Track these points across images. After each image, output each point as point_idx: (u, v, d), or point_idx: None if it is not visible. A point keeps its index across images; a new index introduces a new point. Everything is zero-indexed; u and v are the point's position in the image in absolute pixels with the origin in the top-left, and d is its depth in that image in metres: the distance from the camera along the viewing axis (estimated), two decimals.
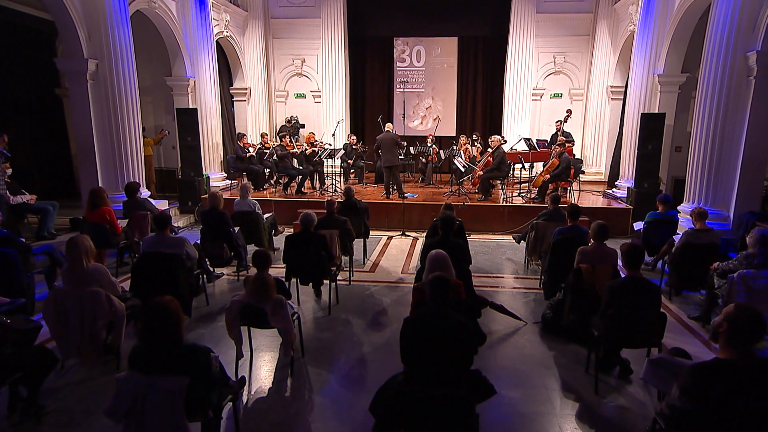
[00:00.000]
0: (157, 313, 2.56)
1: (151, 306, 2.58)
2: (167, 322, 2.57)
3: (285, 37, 14.13)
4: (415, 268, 7.12)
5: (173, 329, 2.60)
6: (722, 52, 6.77)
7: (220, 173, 11.48)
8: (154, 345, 2.58)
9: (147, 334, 2.57)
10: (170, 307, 2.60)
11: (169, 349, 2.59)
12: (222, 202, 6.35)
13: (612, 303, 3.66)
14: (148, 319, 2.57)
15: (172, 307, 2.62)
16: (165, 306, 2.59)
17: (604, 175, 12.91)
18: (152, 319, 2.56)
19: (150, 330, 2.57)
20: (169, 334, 2.59)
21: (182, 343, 2.66)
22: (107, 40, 7.96)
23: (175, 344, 2.62)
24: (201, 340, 4.75)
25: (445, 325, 2.88)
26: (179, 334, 2.63)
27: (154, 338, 2.57)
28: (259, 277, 3.83)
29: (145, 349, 2.60)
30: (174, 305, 2.64)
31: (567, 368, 4.28)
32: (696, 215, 5.62)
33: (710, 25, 7.02)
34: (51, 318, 3.88)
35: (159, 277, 4.89)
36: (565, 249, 5.60)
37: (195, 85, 10.69)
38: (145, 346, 2.59)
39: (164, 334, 2.57)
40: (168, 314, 2.58)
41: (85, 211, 6.49)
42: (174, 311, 2.61)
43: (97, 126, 8.07)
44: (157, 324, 2.56)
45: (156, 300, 2.61)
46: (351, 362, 4.39)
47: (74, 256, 3.84)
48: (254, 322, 3.97)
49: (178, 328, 2.62)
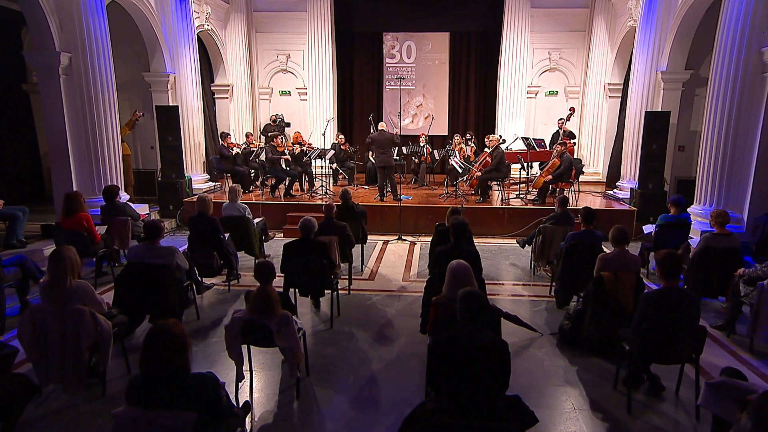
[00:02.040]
0: (162, 339, 2.30)
1: (154, 331, 2.32)
2: (173, 349, 2.32)
3: (269, 32, 13.81)
4: (416, 276, 6.92)
5: (179, 358, 2.34)
6: (735, 48, 6.70)
7: (203, 175, 11.12)
8: (158, 376, 2.31)
9: (149, 363, 2.31)
10: (176, 332, 2.35)
11: (174, 380, 2.33)
12: (211, 207, 6.05)
13: (647, 316, 3.49)
14: (152, 346, 2.30)
15: (178, 332, 2.36)
16: (170, 331, 2.33)
17: (602, 176, 12.89)
18: (156, 346, 2.30)
19: (153, 359, 2.30)
20: (174, 363, 2.33)
21: (189, 372, 2.40)
22: (81, 32, 7.60)
23: (182, 375, 2.36)
24: (194, 360, 4.46)
25: (482, 346, 2.67)
26: (186, 363, 2.37)
27: (158, 368, 2.31)
28: (262, 292, 3.57)
29: (146, 381, 2.33)
30: (179, 330, 2.38)
31: (593, 384, 4.11)
32: (715, 218, 5.51)
33: (722, 19, 6.95)
34: (27, 339, 3.56)
35: (146, 290, 4.62)
36: (578, 255, 5.47)
37: (175, 82, 10.33)
38: (147, 377, 2.33)
39: (169, 364, 2.31)
40: (173, 340, 2.33)
41: (59, 218, 6.14)
42: (180, 337, 2.36)
43: (71, 124, 7.69)
44: (162, 352, 2.30)
45: (159, 324, 2.35)
46: (361, 381, 4.15)
47: (58, 272, 3.52)
48: (257, 341, 3.70)
49: (184, 356, 2.37)
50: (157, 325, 2.35)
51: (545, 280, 6.73)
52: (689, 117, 9.91)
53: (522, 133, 12.45)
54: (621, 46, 11.92)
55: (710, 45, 9.29)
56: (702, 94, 9.77)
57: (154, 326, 2.35)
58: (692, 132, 10.03)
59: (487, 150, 10.59)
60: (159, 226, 4.86)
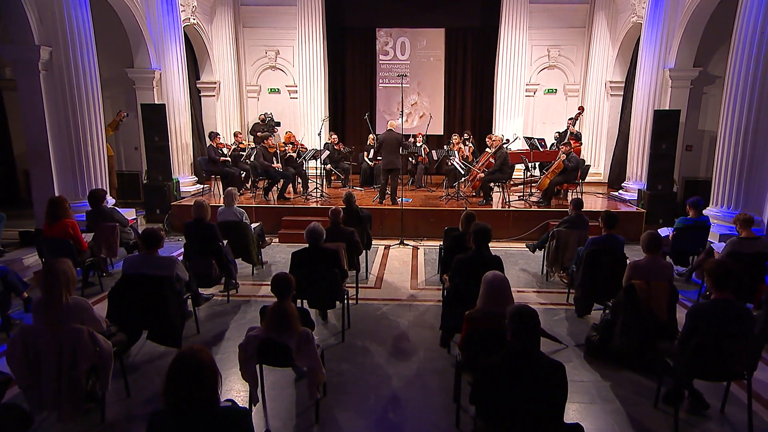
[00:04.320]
0: (190, 368, 2.06)
1: (180, 360, 2.08)
2: (202, 379, 2.08)
3: (257, 27, 13.53)
4: (424, 283, 6.73)
5: (208, 389, 2.11)
6: (755, 43, 6.62)
7: (191, 177, 10.80)
8: (184, 411, 2.07)
9: (175, 396, 2.06)
10: (204, 360, 2.11)
11: (202, 415, 2.09)
12: (209, 212, 5.79)
13: (697, 330, 3.34)
14: (177, 377, 2.06)
15: (206, 360, 2.12)
16: (198, 359, 2.10)
17: (603, 176, 12.84)
18: (183, 376, 2.05)
19: (179, 391, 2.06)
20: (203, 395, 2.09)
21: (218, 406, 2.16)
22: (63, 24, 7.26)
23: (210, 409, 2.12)
24: None
25: (538, 369, 2.48)
26: (215, 396, 2.14)
27: (184, 402, 2.07)
28: (280, 308, 3.33)
29: (170, 417, 2.09)
30: (207, 357, 2.15)
31: (630, 402, 3.94)
32: (741, 222, 5.41)
33: (740, 15, 6.88)
34: (18, 363, 3.28)
35: (144, 304, 4.34)
36: (600, 261, 5.33)
37: (161, 78, 10.00)
38: (172, 412, 2.08)
39: (197, 396, 2.07)
40: (202, 369, 2.09)
41: (42, 225, 5.81)
42: (209, 365, 2.12)
43: (52, 123, 7.34)
44: (189, 383, 2.06)
45: (185, 352, 2.11)
46: (383, 401, 3.93)
47: (53, 289, 3.24)
48: (275, 361, 3.46)
49: (214, 388, 2.13)
50: (184, 352, 2.12)
51: (560, 286, 6.58)
52: (697, 115, 9.88)
53: (521, 133, 12.36)
54: (623, 43, 11.89)
55: (719, 42, 9.34)
56: (710, 91, 9.77)
57: (179, 354, 2.11)
58: (700, 131, 10.00)
59: (488, 150, 10.45)
60: (158, 234, 4.58)
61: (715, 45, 9.41)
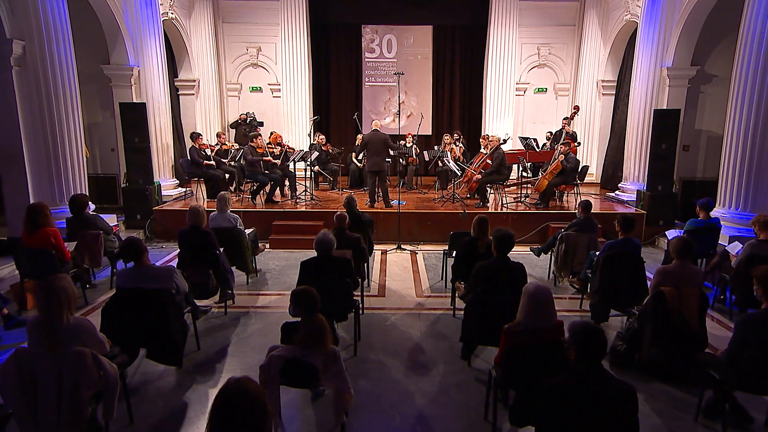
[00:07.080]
0: (240, 403, 1.86)
1: (229, 392, 1.87)
2: (253, 415, 1.87)
3: (238, 22, 13.21)
4: (429, 290, 6.56)
5: (260, 424, 1.90)
6: (763, 40, 6.63)
7: (172, 180, 10.41)
8: None
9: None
10: (253, 393, 1.91)
11: None
12: (205, 219, 5.51)
13: (747, 341, 3.24)
14: (228, 412, 1.85)
15: (256, 392, 1.92)
16: (247, 392, 1.89)
17: (596, 177, 12.88)
18: (233, 412, 1.84)
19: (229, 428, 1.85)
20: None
21: None
22: (37, 17, 6.89)
23: None
24: (204, 400, 3.96)
25: (607, 393, 2.32)
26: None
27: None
28: (313, 322, 3.12)
29: None
30: (256, 389, 1.94)
31: (668, 416, 3.83)
32: (761, 224, 5.37)
33: (747, 13, 6.90)
34: (12, 390, 2.98)
35: (142, 320, 4.06)
36: (617, 266, 5.25)
37: (140, 76, 9.61)
38: None
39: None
40: (252, 403, 1.89)
41: (21, 234, 5.45)
42: (258, 398, 1.92)
43: (26, 123, 6.96)
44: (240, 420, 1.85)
45: (233, 384, 1.90)
46: (410, 422, 3.74)
47: (52, 307, 2.95)
48: (299, 382, 3.25)
49: (264, 423, 1.92)
50: (231, 384, 1.90)
51: (570, 291, 6.49)
52: (694, 115, 9.94)
53: (511, 132, 12.29)
54: (615, 41, 11.95)
55: (717, 40, 9.41)
56: (708, 90, 9.83)
57: (226, 387, 1.90)
58: (697, 131, 10.06)
59: (483, 151, 10.35)
60: (136, 243, 4.26)
61: (713, 43, 9.48)
